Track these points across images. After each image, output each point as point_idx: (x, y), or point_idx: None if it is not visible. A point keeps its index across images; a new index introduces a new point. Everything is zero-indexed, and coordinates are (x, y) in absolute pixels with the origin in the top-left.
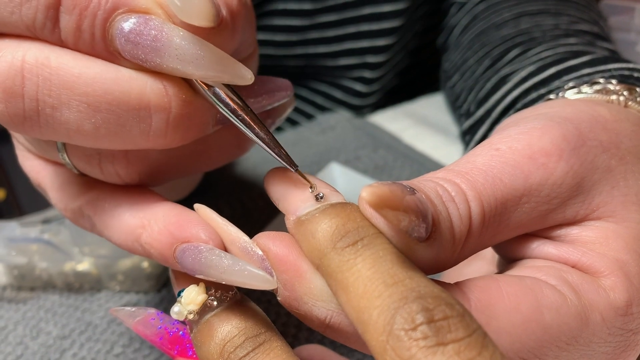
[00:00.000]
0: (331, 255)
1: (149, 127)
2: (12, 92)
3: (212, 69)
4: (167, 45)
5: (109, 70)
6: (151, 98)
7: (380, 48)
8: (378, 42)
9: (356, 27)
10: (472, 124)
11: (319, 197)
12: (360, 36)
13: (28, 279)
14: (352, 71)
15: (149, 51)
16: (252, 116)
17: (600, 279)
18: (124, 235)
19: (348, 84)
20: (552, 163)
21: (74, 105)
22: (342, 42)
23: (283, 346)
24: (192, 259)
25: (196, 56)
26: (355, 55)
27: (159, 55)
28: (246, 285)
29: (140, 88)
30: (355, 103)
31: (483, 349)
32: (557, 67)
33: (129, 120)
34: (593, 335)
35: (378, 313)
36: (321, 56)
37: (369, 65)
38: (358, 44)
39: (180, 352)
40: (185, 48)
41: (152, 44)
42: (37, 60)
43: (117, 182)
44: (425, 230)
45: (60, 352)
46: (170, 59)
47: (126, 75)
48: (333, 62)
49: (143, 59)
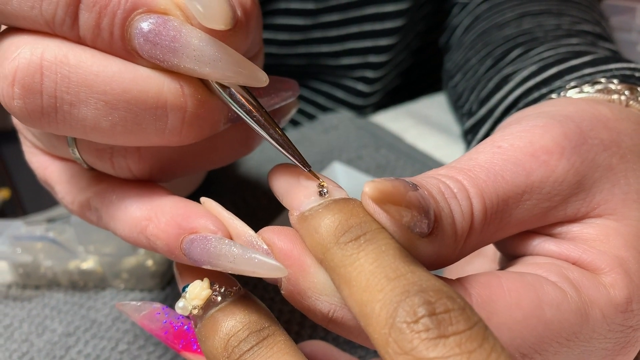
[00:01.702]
0: (334, 250)
1: (164, 126)
2: (31, 89)
3: (229, 70)
4: (185, 46)
5: (127, 69)
6: (168, 97)
7: (383, 48)
8: (381, 41)
9: (359, 27)
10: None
11: (323, 193)
12: (363, 36)
13: (33, 277)
14: (354, 71)
15: (167, 51)
16: (267, 117)
17: (600, 276)
18: (129, 227)
19: (350, 84)
20: (554, 161)
21: (91, 103)
22: (345, 42)
23: (287, 340)
24: (201, 249)
25: (214, 58)
26: (357, 55)
27: (176, 55)
28: (256, 274)
29: (158, 87)
30: (358, 103)
31: (484, 341)
32: (559, 66)
33: (146, 118)
34: (593, 331)
35: (380, 306)
36: (323, 55)
37: (372, 65)
38: (360, 44)
39: (185, 346)
40: (203, 49)
41: (170, 44)
42: (56, 58)
43: (128, 177)
44: (427, 226)
45: (65, 349)
46: (187, 60)
47: (144, 75)
48: (335, 62)
49: (161, 59)
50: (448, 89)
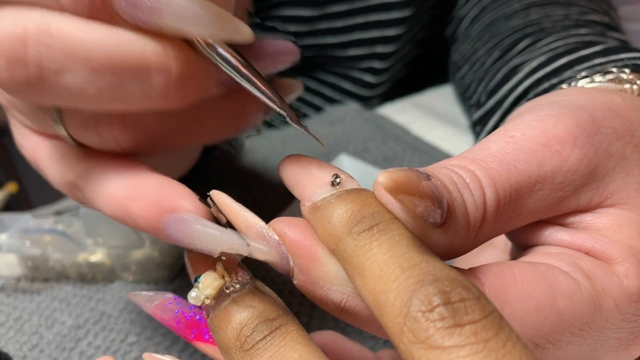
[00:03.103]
0: (347, 240)
1: (149, 89)
2: (15, 60)
3: (211, 26)
4: (166, 5)
5: (110, 34)
6: (151, 59)
7: (390, 38)
8: (387, 32)
9: (365, 18)
10: (483, 114)
11: (335, 183)
12: (370, 26)
13: (42, 270)
14: (361, 62)
15: (148, 12)
16: (256, 74)
17: (613, 265)
18: (112, 205)
19: (357, 75)
20: (567, 150)
21: (76, 71)
22: (351, 33)
23: (299, 330)
24: (179, 229)
25: (196, 14)
26: (364, 46)
27: (158, 15)
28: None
29: (141, 50)
30: (365, 94)
31: (499, 330)
32: (569, 57)
33: (131, 82)
34: (606, 321)
35: (395, 296)
36: (330, 47)
37: (379, 55)
38: (367, 34)
39: (197, 336)
40: (184, 7)
41: (151, 4)
42: (39, 28)
43: (115, 149)
44: (440, 216)
45: (75, 341)
46: (170, 18)
47: (126, 39)
48: (342, 53)
49: (143, 20)
50: (455, 81)
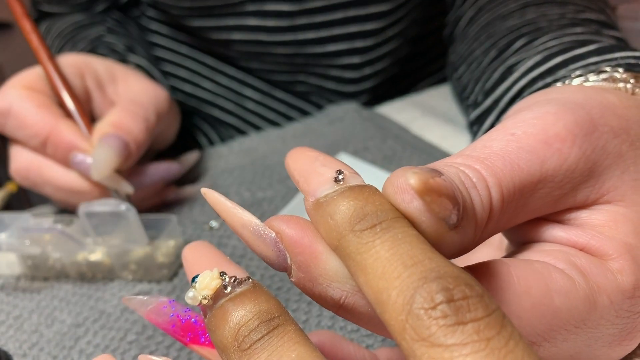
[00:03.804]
0: (349, 237)
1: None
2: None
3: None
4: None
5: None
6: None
7: (368, 32)
8: (366, 26)
9: (344, 13)
10: (480, 114)
11: (338, 180)
12: (349, 21)
13: (42, 268)
14: (340, 58)
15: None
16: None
17: (608, 261)
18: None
19: (337, 73)
20: (567, 148)
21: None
22: (331, 28)
23: (297, 330)
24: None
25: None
26: (343, 41)
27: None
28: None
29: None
30: (349, 90)
31: (502, 328)
32: (563, 56)
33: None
34: (601, 317)
35: (397, 293)
36: (310, 42)
37: (358, 50)
38: (346, 29)
39: (193, 339)
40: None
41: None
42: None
43: None
44: (457, 217)
45: (74, 340)
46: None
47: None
48: (322, 49)
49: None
50: (453, 81)
